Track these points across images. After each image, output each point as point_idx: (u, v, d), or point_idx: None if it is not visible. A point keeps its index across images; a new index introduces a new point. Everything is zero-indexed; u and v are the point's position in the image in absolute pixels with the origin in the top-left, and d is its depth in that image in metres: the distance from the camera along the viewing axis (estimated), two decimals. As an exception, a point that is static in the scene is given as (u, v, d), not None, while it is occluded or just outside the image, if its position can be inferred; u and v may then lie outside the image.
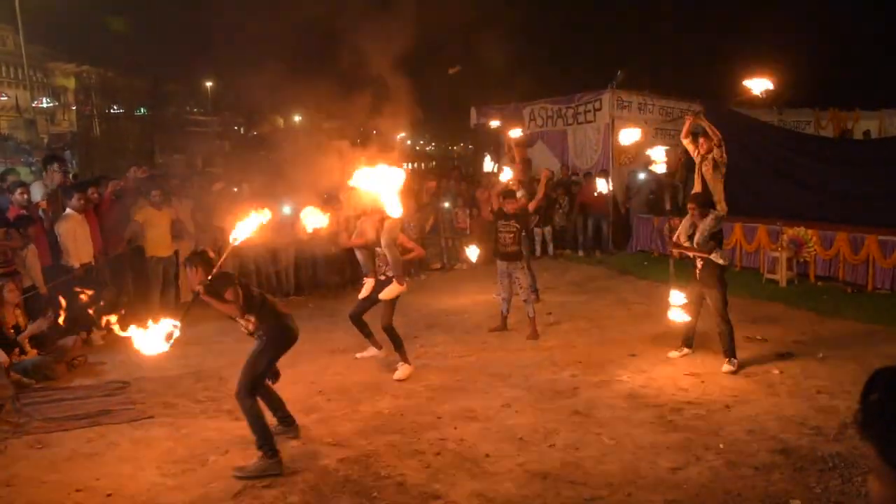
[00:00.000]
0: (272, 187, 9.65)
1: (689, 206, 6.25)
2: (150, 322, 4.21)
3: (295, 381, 5.61)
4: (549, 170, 9.21)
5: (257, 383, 4.52)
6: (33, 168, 17.89)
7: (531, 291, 7.56)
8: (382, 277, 6.22)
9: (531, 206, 7.85)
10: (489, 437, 4.74)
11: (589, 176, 13.12)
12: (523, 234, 7.44)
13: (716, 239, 6.06)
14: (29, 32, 34.20)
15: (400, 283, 6.12)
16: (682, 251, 6.20)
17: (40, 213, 7.47)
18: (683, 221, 6.29)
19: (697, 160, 7.11)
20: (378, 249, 6.19)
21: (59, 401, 5.63)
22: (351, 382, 4.76)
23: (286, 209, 9.47)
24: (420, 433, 4.83)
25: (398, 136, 6.59)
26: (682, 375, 5.88)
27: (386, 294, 6.12)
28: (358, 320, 6.44)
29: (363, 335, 6.54)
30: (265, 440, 4.30)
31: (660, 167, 8.65)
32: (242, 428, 4.99)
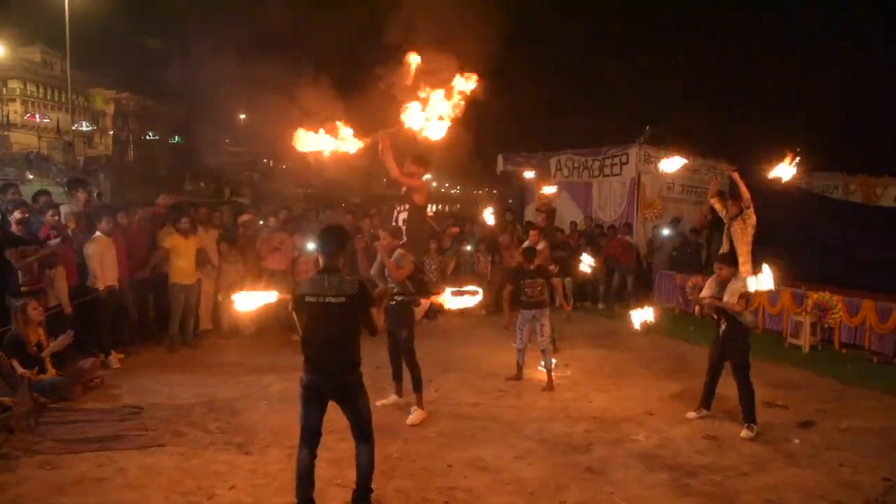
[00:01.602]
0: (300, 222, 9.80)
1: (717, 265, 6.19)
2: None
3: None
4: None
5: None
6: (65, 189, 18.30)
7: (550, 342, 7.51)
8: (393, 303, 6.20)
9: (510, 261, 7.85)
10: (499, 489, 4.65)
11: (613, 228, 13.12)
12: (548, 285, 7.43)
13: (744, 300, 5.99)
14: (75, 57, 35.36)
15: (416, 305, 6.19)
16: (707, 307, 6.11)
17: (69, 233, 7.62)
18: (709, 280, 6.24)
19: (727, 220, 7.10)
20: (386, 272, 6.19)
21: (72, 422, 5.65)
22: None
23: (310, 246, 9.57)
24: (430, 480, 4.76)
25: (424, 177, 6.65)
26: (699, 438, 5.76)
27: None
28: (395, 357, 6.42)
29: (392, 376, 6.50)
30: None
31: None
32: (251, 463, 4.97)
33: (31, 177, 27.98)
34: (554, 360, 7.43)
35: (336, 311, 4.04)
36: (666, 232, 12.86)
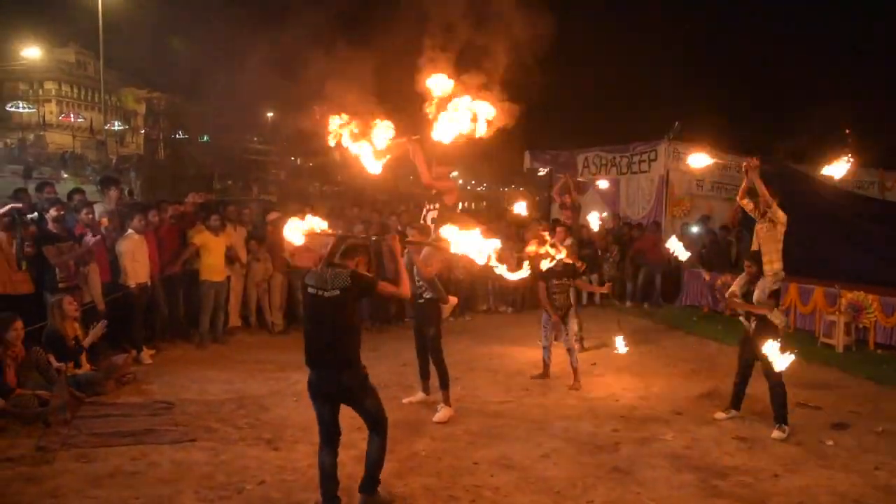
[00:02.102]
0: (327, 219, 9.82)
1: (747, 263, 6.12)
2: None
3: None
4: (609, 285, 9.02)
5: None
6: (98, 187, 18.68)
7: (576, 340, 7.48)
8: (421, 301, 6.23)
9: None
10: (525, 488, 4.65)
11: (641, 226, 13.01)
12: (574, 284, 7.38)
13: (774, 298, 5.91)
14: (108, 58, 36.01)
15: (444, 302, 6.20)
16: (737, 308, 6.05)
17: (103, 230, 7.78)
18: (738, 279, 6.16)
19: (757, 218, 6.99)
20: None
21: (105, 416, 5.77)
22: (391, 421, 4.75)
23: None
24: (456, 478, 4.78)
25: (451, 174, 6.67)
26: (728, 439, 5.69)
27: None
28: (422, 355, 6.45)
29: (419, 374, 6.53)
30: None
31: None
32: (280, 458, 5.04)
33: (65, 175, 28.63)
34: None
35: (330, 306, 4.08)
36: (695, 229, 12.70)
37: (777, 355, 5.52)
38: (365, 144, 5.30)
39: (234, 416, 5.96)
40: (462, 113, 5.31)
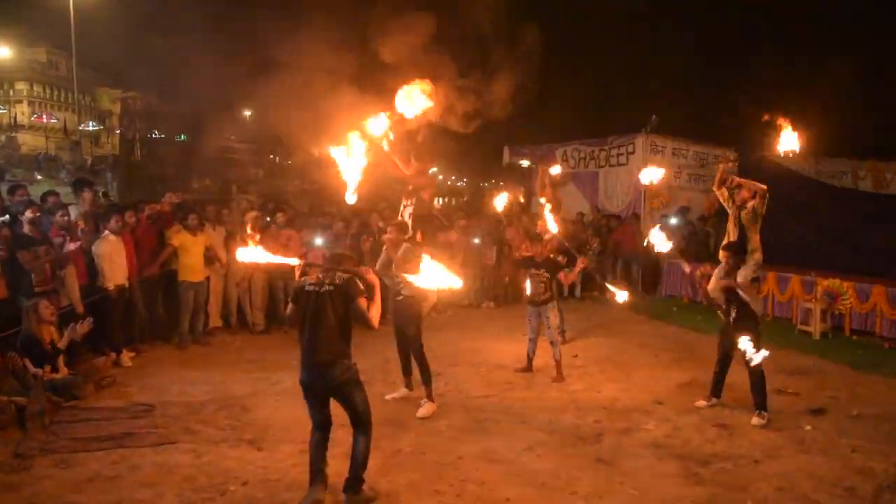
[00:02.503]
0: (307, 218, 9.81)
1: (723, 254, 6.18)
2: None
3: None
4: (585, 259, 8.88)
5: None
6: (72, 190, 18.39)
7: (559, 333, 7.50)
8: (399, 297, 6.22)
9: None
10: (511, 481, 4.66)
11: (619, 218, 13.08)
12: (554, 278, 7.39)
13: (755, 286, 5.98)
14: (80, 57, 35.45)
15: (423, 299, 6.21)
16: (722, 288, 6.08)
17: (79, 233, 7.66)
18: (717, 269, 6.22)
19: (732, 210, 7.07)
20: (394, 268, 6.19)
21: (85, 421, 5.69)
22: (375, 417, 4.74)
23: (318, 241, 9.59)
24: (441, 473, 4.78)
25: (430, 170, 6.66)
26: (709, 426, 5.75)
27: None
28: (403, 351, 6.44)
29: (402, 370, 6.53)
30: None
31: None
32: (263, 459, 5.00)
33: (39, 177, 28.14)
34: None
35: (326, 300, 4.26)
36: (674, 221, 12.79)
37: (752, 351, 5.60)
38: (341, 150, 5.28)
39: (215, 417, 5.90)
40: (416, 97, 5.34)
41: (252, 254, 4.33)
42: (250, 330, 9.33)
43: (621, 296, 7.02)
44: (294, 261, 4.64)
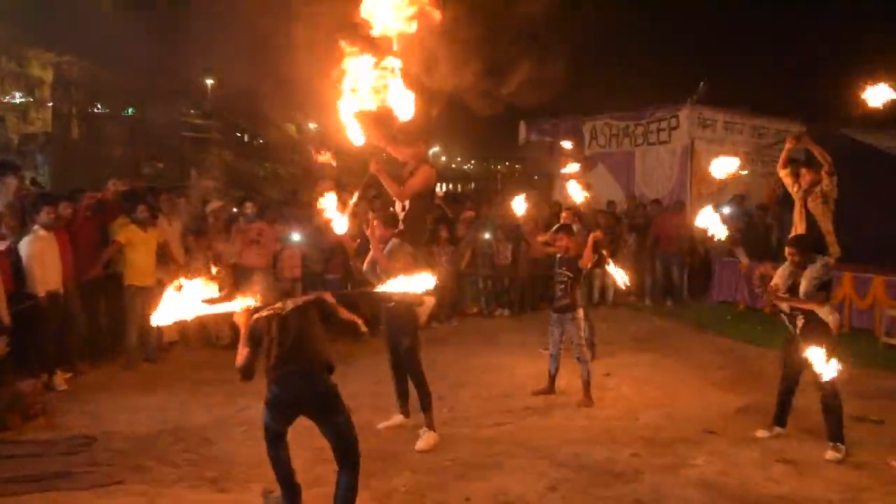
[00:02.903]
0: (281, 208, 9.81)
1: (789, 250, 6.10)
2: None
3: (295, 444, 5.57)
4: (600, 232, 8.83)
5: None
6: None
7: (587, 347, 7.48)
8: (391, 303, 6.19)
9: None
10: (529, 529, 4.63)
11: (657, 203, 13.03)
12: (579, 280, 7.36)
13: (825, 291, 5.91)
14: (2, 11, 35.37)
15: (418, 304, 6.15)
16: (780, 304, 6.03)
17: (2, 228, 7.64)
18: (781, 269, 6.16)
19: (798, 196, 7.01)
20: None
21: (8, 457, 5.65)
22: (363, 450, 4.72)
23: (294, 237, 9.58)
24: (444, 519, 4.75)
25: (431, 151, 6.62)
26: (772, 462, 5.71)
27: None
28: (398, 370, 6.41)
29: (396, 393, 6.50)
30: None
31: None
32: (229, 501, 4.97)
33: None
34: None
35: (294, 316, 4.51)
36: (727, 211, 12.73)
37: (824, 362, 5.51)
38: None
39: (170, 451, 5.88)
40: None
41: (179, 308, 4.30)
42: (213, 344, 9.32)
43: (621, 277, 7.09)
44: (240, 304, 4.60)
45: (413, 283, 4.59)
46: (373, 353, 8.88)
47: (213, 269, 5.91)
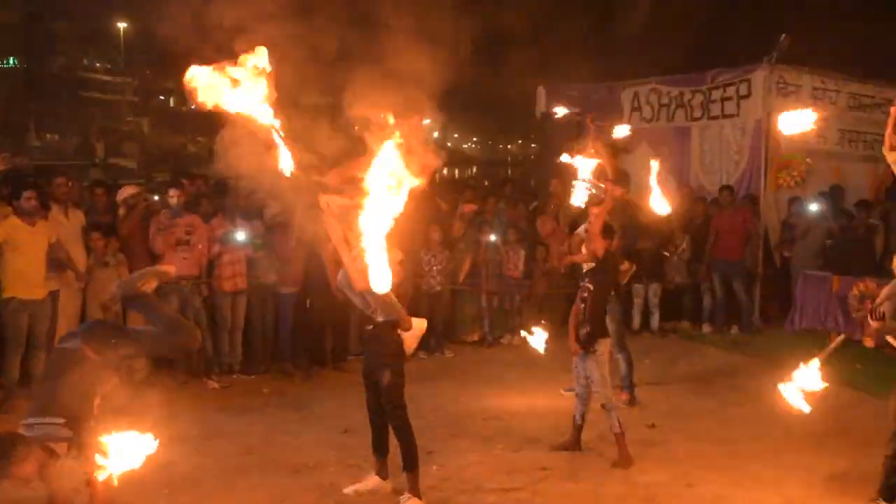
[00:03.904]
0: (221, 197, 9.77)
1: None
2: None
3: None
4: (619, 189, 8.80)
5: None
6: None
7: (626, 389, 7.49)
8: (371, 327, 6.19)
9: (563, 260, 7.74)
10: None
11: (729, 191, 12.90)
12: (604, 297, 7.33)
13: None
14: None
15: (405, 328, 6.17)
16: (888, 336, 6.04)
17: None
18: (887, 289, 6.17)
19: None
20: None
21: None
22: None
23: (239, 236, 9.53)
24: None
25: (422, 122, 6.64)
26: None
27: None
28: (376, 414, 6.39)
29: (372, 446, 6.48)
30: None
31: None
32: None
33: None
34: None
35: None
36: (814, 208, 12.76)
37: None
38: None
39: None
40: None
41: None
42: (122, 380, 9.28)
43: (537, 340, 7.27)
44: None
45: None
46: (337, 390, 8.92)
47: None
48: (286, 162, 5.72)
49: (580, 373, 7.39)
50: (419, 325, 6.36)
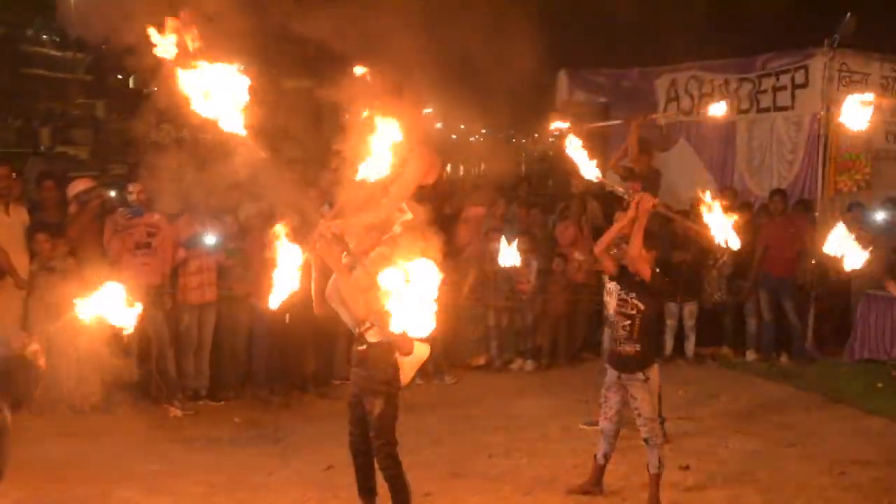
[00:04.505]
0: (184, 194, 9.80)
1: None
2: None
3: None
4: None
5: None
6: None
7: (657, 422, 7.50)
8: (363, 347, 6.21)
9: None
10: None
11: (781, 195, 12.85)
12: (652, 317, 7.33)
13: None
14: None
15: (404, 352, 6.20)
16: None
17: None
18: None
19: None
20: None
21: None
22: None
23: (208, 239, 9.55)
24: None
25: (424, 111, 6.69)
26: None
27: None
28: (362, 450, 6.43)
29: (358, 486, 6.52)
30: None
31: None
32: None
33: None
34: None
35: None
36: (880, 216, 12.77)
37: None
38: None
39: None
40: None
41: None
42: (72, 409, 9.30)
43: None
44: None
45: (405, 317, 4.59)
46: (322, 423, 8.92)
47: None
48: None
49: (611, 406, 7.36)
50: (421, 350, 6.32)
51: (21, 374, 4.98)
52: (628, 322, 7.16)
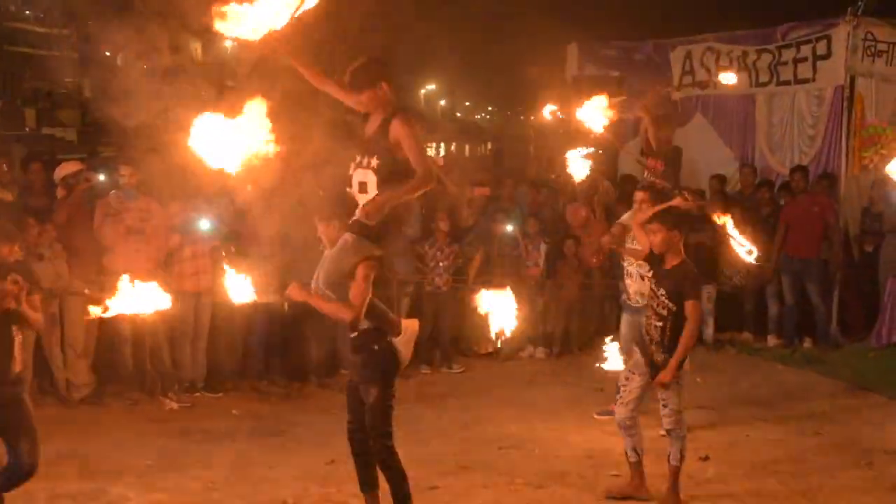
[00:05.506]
0: (178, 179, 9.78)
1: None
2: None
3: None
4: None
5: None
6: None
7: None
8: (355, 335, 6.18)
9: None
10: None
11: (801, 172, 12.77)
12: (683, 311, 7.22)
13: None
14: None
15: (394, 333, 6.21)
16: None
17: None
18: None
19: None
20: None
21: None
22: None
23: (204, 224, 9.54)
24: None
25: (423, 90, 6.63)
26: None
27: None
28: (361, 442, 6.42)
29: (359, 481, 6.51)
30: None
31: None
32: None
33: None
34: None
35: None
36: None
37: None
38: None
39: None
40: None
41: None
42: (61, 399, 9.32)
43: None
44: None
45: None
46: (324, 415, 8.93)
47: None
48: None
49: (632, 390, 7.17)
50: (410, 326, 6.32)
51: None
52: (661, 324, 7.06)
